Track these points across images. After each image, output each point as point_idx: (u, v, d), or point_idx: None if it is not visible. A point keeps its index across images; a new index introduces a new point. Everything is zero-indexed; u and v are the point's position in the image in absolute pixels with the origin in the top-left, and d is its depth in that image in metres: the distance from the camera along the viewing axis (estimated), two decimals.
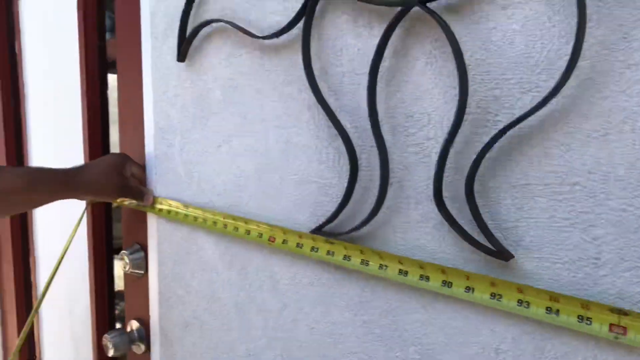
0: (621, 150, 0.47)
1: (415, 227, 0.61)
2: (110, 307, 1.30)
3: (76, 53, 1.19)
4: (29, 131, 1.43)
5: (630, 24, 0.46)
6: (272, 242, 0.74)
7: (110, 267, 1.31)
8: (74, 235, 1.02)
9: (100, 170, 0.90)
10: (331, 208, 0.69)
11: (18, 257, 1.56)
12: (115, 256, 1.32)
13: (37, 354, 1.56)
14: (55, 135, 1.35)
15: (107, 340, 1.08)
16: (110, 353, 1.08)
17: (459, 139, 0.56)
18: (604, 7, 0.47)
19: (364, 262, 0.64)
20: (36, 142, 1.43)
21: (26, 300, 1.62)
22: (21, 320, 1.62)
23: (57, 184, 0.86)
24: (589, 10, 0.47)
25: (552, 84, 0.50)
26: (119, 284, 1.31)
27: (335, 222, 0.68)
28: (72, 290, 1.38)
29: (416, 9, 0.58)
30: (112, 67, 1.14)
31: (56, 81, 1.31)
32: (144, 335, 1.08)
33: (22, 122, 1.46)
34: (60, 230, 1.37)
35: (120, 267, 1.11)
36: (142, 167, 0.98)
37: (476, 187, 0.55)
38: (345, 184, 0.66)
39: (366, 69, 0.63)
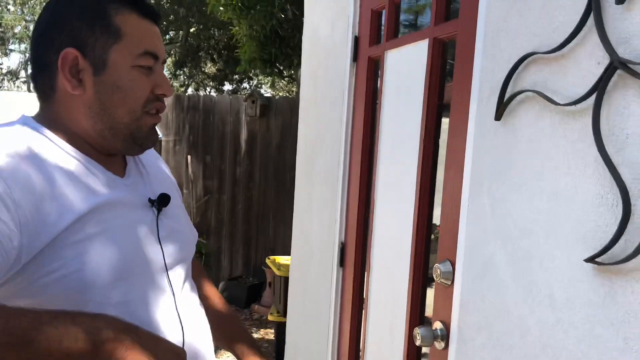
0: None
1: None
2: (421, 311, 1.62)
3: (418, 111, 1.56)
4: (379, 162, 1.88)
5: None
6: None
7: (424, 288, 1.63)
8: None
9: None
10: (606, 244, 0.85)
11: (358, 262, 2.03)
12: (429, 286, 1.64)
13: (362, 339, 1.99)
14: (397, 170, 1.76)
15: (417, 332, 1.39)
16: (418, 342, 1.38)
17: None
18: None
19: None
20: (383, 169, 1.87)
21: (360, 300, 2.07)
22: (355, 317, 2.08)
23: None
24: None
25: None
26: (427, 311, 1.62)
27: (608, 254, 0.83)
28: (396, 296, 1.74)
29: None
30: (445, 109, 1.46)
31: (399, 130, 1.73)
32: (445, 335, 1.35)
33: (374, 153, 1.93)
34: (392, 244, 1.77)
35: (431, 293, 1.41)
36: None
37: None
38: None
39: None
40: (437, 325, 1.38)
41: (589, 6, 0.89)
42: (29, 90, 11.59)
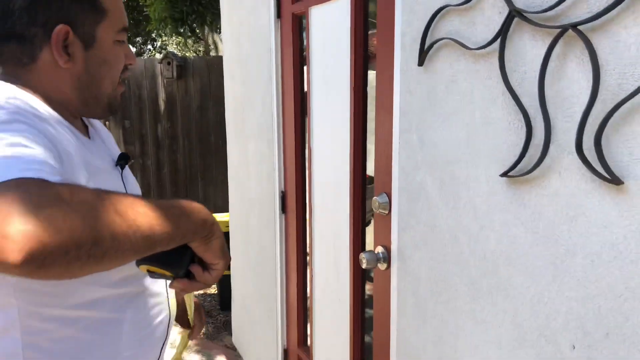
0: None
1: (567, 167, 0.95)
2: (362, 241, 1.82)
3: (346, 63, 1.71)
4: (312, 112, 2.03)
5: None
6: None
7: (363, 221, 1.83)
8: None
9: None
10: (515, 160, 1.05)
11: (300, 207, 2.20)
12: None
13: (310, 276, 2.18)
14: (330, 119, 1.91)
15: (362, 256, 1.58)
16: (364, 265, 1.58)
17: (594, 110, 0.88)
18: None
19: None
20: (317, 119, 2.02)
21: (303, 241, 2.25)
22: (300, 257, 2.26)
23: None
24: None
25: None
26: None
27: (517, 168, 1.04)
28: (338, 232, 1.93)
29: (570, 30, 0.91)
30: (371, 59, 1.62)
31: (329, 81, 1.87)
32: (387, 257, 1.55)
33: (307, 104, 2.07)
34: (331, 186, 1.94)
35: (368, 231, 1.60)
36: None
37: (602, 140, 0.87)
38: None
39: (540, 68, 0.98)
40: (379, 249, 1.58)
41: None
42: None
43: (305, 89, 2.06)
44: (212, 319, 3.72)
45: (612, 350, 0.90)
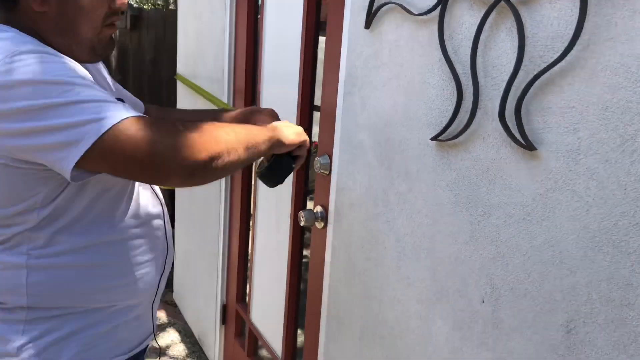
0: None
1: (490, 133, 1.00)
2: (303, 201, 1.86)
3: (298, 28, 1.72)
4: (263, 73, 2.03)
5: None
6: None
7: (306, 181, 1.87)
8: None
9: None
10: (445, 125, 1.10)
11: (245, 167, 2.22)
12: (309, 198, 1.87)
13: (252, 232, 2.21)
14: (280, 80, 1.92)
15: (301, 214, 1.62)
16: (302, 223, 1.62)
17: (518, 80, 0.94)
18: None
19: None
20: (267, 81, 2.03)
21: (247, 199, 2.27)
22: (244, 214, 2.29)
23: None
24: None
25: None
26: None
27: (446, 133, 1.09)
28: (281, 191, 1.97)
29: (502, 2, 0.95)
30: (322, 28, 1.64)
31: (281, 39, 1.88)
32: (324, 216, 1.60)
33: (258, 61, 2.07)
34: None
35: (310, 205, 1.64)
36: None
37: (522, 109, 0.92)
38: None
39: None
40: (318, 209, 1.63)
41: None
42: None
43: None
44: None
45: (515, 304, 0.97)
